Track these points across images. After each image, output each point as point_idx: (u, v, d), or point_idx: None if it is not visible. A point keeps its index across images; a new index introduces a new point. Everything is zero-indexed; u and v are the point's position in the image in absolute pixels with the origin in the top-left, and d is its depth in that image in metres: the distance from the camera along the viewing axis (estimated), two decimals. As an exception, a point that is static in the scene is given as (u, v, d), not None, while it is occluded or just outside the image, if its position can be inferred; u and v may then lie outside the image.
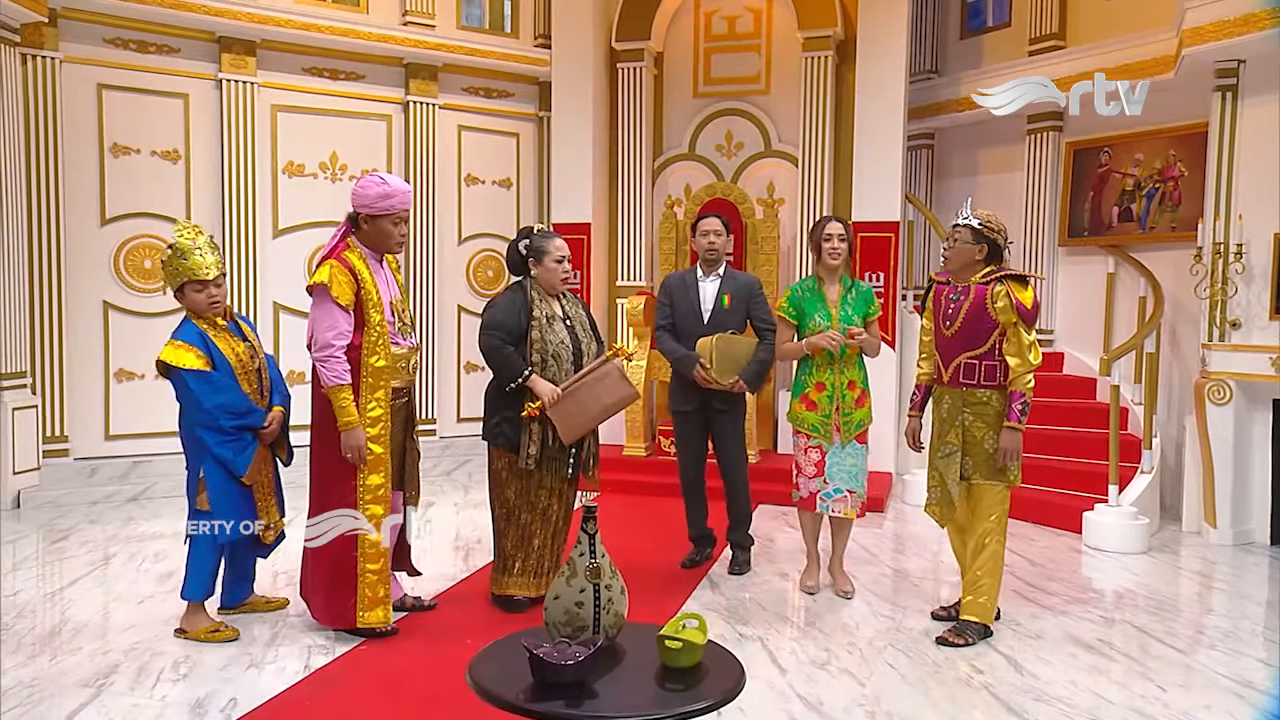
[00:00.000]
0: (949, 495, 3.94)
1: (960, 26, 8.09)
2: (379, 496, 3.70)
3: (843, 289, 4.43)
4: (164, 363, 3.73)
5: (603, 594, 2.22)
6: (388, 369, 3.69)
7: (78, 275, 6.39)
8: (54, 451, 6.31)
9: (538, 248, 4.06)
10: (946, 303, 3.98)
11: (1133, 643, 3.94)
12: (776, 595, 4.49)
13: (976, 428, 3.89)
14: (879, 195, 6.94)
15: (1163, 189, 6.68)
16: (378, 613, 3.73)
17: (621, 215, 7.60)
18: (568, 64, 7.47)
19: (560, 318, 4.11)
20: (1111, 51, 6.62)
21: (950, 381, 3.94)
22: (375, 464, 3.68)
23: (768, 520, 5.93)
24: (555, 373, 4.01)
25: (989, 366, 3.87)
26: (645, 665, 2.22)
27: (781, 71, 7.42)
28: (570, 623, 2.23)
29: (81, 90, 6.36)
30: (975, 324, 3.86)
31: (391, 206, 3.68)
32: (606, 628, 2.25)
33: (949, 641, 3.84)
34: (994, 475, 3.89)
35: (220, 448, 3.76)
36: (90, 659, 3.56)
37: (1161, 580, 4.87)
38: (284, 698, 3.25)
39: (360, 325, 3.63)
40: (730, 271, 4.86)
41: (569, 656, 2.06)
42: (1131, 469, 5.80)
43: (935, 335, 4.05)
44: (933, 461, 4.02)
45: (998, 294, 3.82)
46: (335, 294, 3.56)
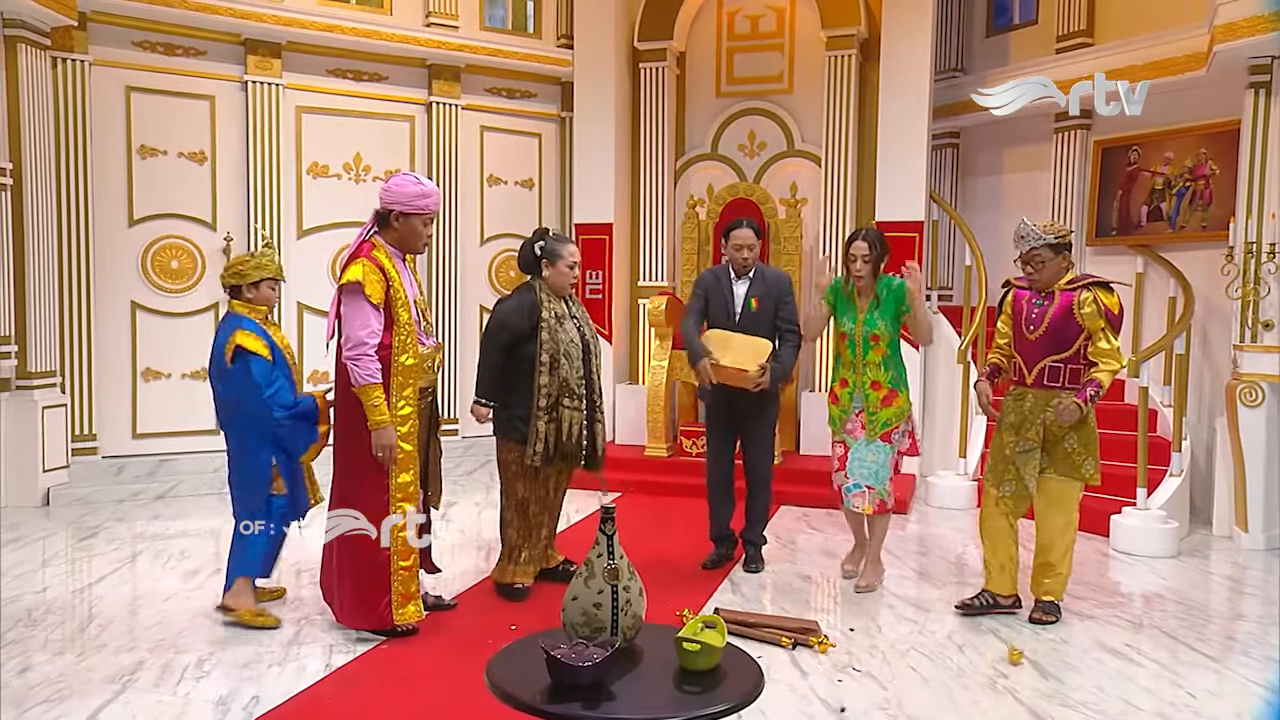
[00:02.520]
0: (1025, 489, 4.08)
1: (986, 24, 8.02)
2: (409, 494, 3.72)
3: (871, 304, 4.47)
4: (241, 347, 3.82)
5: (620, 595, 2.21)
6: (416, 367, 3.71)
7: (106, 276, 6.45)
8: (83, 450, 6.38)
9: (552, 250, 4.17)
10: (1030, 308, 4.09)
11: (1161, 648, 3.88)
12: (798, 597, 4.47)
13: (1057, 426, 3.98)
14: (903, 195, 6.87)
15: (1193, 188, 6.58)
16: (410, 609, 3.76)
17: (643, 216, 7.59)
18: (590, 64, 7.47)
19: (569, 317, 4.22)
20: (1141, 48, 6.54)
21: (1034, 382, 4.07)
22: (405, 462, 3.70)
23: (790, 521, 5.90)
24: (567, 371, 4.12)
25: (1074, 370, 3.99)
26: (663, 667, 2.20)
27: (805, 71, 7.38)
28: (588, 624, 2.22)
29: (110, 93, 6.43)
30: (1061, 329, 3.99)
31: (427, 206, 3.74)
32: (624, 629, 2.24)
33: (1041, 620, 4.06)
34: (1070, 473, 4.03)
35: (283, 430, 3.89)
36: (116, 655, 3.59)
37: (1191, 585, 4.79)
38: (305, 696, 3.27)
39: (389, 324, 3.65)
40: (760, 270, 4.81)
41: (586, 658, 2.05)
42: (1161, 472, 5.71)
43: (1016, 339, 4.17)
44: (1009, 457, 4.10)
45: (1085, 300, 3.93)
46: (368, 292, 3.57)
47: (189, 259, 6.72)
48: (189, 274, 6.73)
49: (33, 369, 6.02)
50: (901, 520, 6.01)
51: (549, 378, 4.11)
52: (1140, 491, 5.39)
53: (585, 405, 4.22)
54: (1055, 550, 4.10)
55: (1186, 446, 5.85)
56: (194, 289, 6.75)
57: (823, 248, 7.12)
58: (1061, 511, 4.09)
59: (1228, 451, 5.63)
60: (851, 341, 4.52)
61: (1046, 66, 7.13)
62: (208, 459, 6.61)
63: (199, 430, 6.74)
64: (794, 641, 3.77)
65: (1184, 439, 5.81)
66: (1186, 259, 6.51)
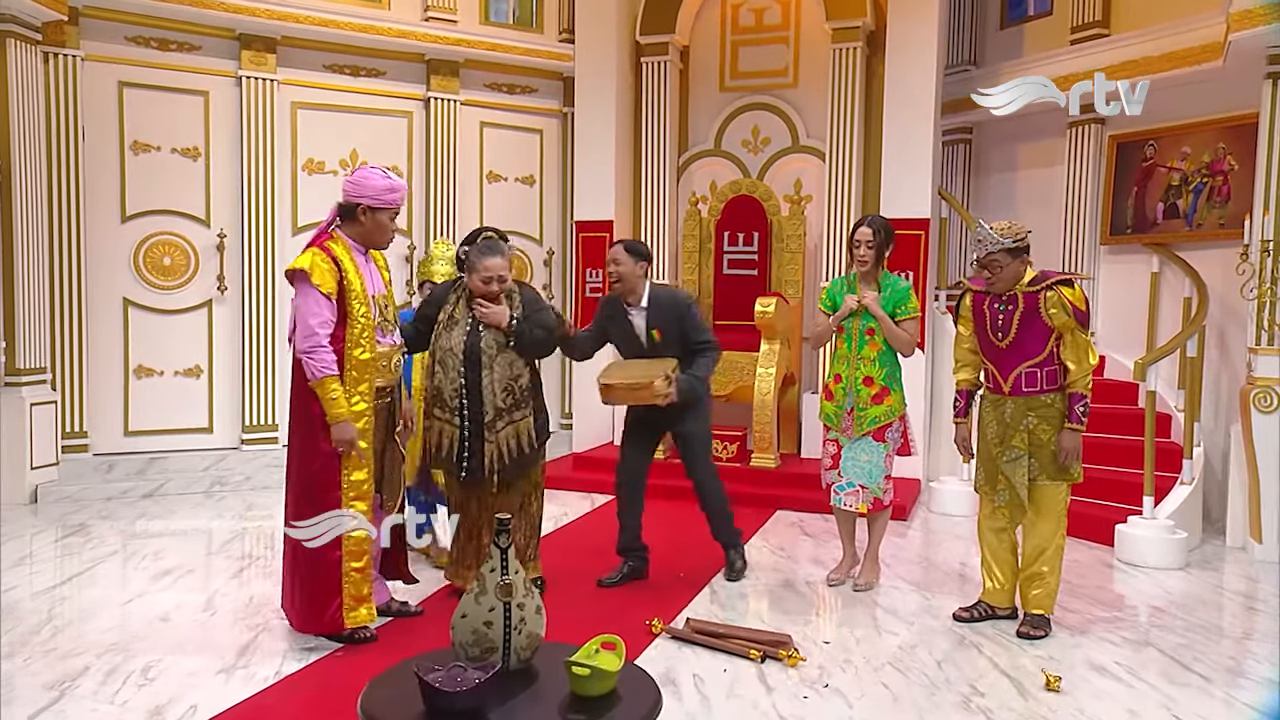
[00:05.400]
0: (1019, 498, 3.92)
1: (1000, 16, 7.78)
2: (363, 493, 3.59)
3: (876, 289, 4.38)
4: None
5: (514, 613, 2.06)
6: (371, 363, 3.59)
7: (98, 272, 6.42)
8: (74, 447, 6.35)
9: (470, 263, 3.97)
10: (993, 314, 3.93)
11: (1155, 668, 3.66)
12: (779, 607, 4.29)
13: (1042, 430, 3.87)
14: (909, 192, 6.68)
15: (1211, 183, 6.32)
16: (362, 612, 3.63)
17: (645, 212, 7.45)
18: (591, 58, 7.35)
19: (464, 323, 3.96)
20: (1157, 39, 6.31)
21: (1012, 391, 3.91)
22: (359, 460, 3.58)
23: (783, 527, 5.73)
24: (441, 379, 3.94)
25: (1050, 372, 3.85)
26: (554, 692, 2.04)
27: (810, 64, 7.21)
28: (478, 643, 2.07)
29: (102, 88, 6.39)
30: (1029, 332, 3.83)
31: (395, 200, 3.66)
32: (518, 650, 2.08)
33: (1030, 635, 3.88)
34: (1059, 475, 3.88)
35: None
36: (63, 660, 3.50)
37: (1196, 599, 4.54)
38: (246, 705, 3.15)
39: (343, 317, 3.53)
40: (654, 297, 4.44)
41: (464, 682, 1.90)
42: (1172, 479, 5.47)
43: (984, 346, 4.01)
44: (998, 467, 3.96)
45: (1050, 299, 3.78)
46: (316, 280, 3.46)
47: (182, 256, 6.68)
48: (182, 271, 6.68)
49: (21, 366, 6.00)
50: (902, 527, 5.82)
51: (429, 381, 4.01)
52: (1146, 500, 5.15)
53: (463, 419, 3.93)
54: (1044, 556, 3.93)
55: (1199, 453, 5.59)
56: (186, 286, 6.70)
57: (827, 245, 6.93)
58: (1050, 518, 3.93)
59: (1242, 459, 5.37)
60: (848, 336, 4.42)
61: (1061, 59, 6.93)
62: (198, 457, 6.59)
63: (190, 428, 6.72)
64: (763, 655, 3.60)
65: (1196, 445, 5.56)
66: (1203, 258, 6.25)
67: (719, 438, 6.60)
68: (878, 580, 4.60)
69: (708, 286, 7.24)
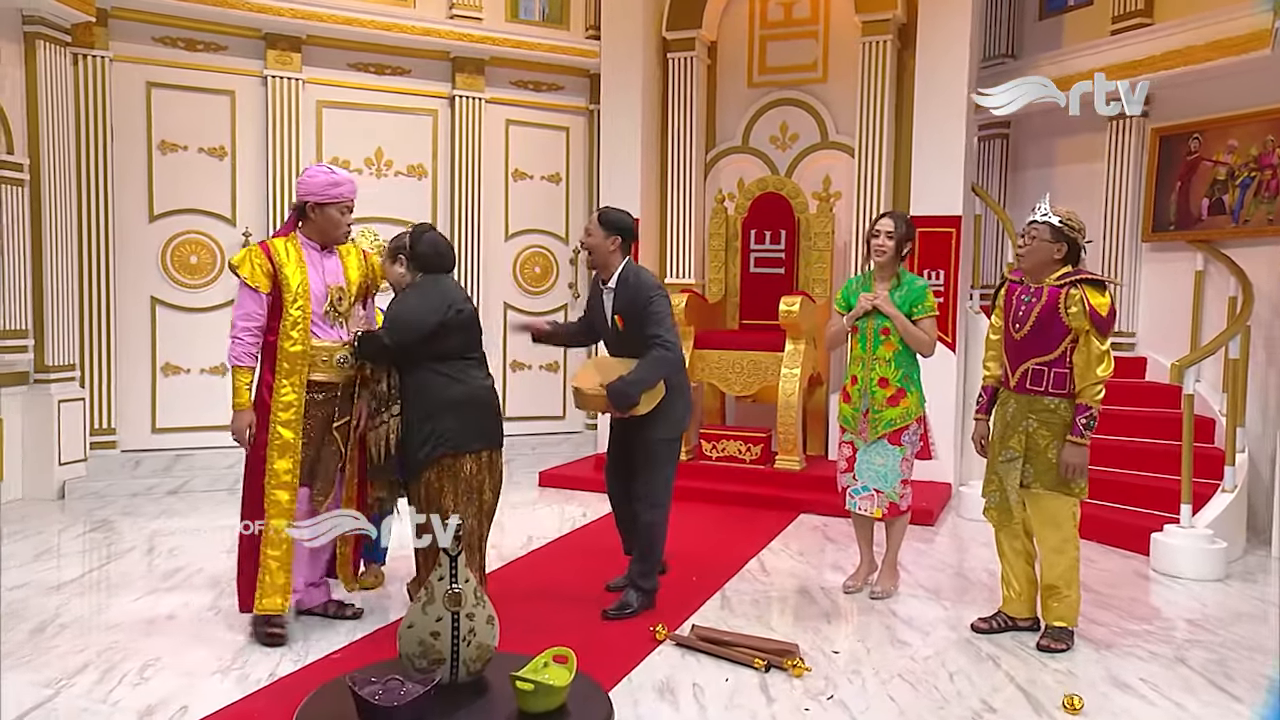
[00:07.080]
0: (1007, 502, 3.79)
1: (1039, 6, 7.55)
2: (284, 483, 3.64)
3: (892, 286, 4.26)
4: None
5: (463, 624, 1.98)
6: (302, 355, 3.63)
7: (126, 271, 6.49)
8: (103, 444, 6.43)
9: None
10: (1018, 303, 3.76)
11: (1181, 685, 3.47)
12: (791, 614, 4.17)
13: (1041, 435, 3.69)
14: (940, 188, 6.49)
15: (1259, 178, 6.05)
16: (276, 600, 3.65)
17: (671, 210, 7.34)
18: (617, 55, 7.25)
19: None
20: (1202, 27, 6.06)
21: (1017, 387, 3.74)
22: (284, 449, 3.63)
23: (806, 531, 5.59)
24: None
25: (1059, 374, 3.67)
26: (501, 707, 1.95)
27: (839, 58, 7.05)
28: (425, 654, 2.00)
29: (131, 88, 6.47)
30: (1046, 328, 3.65)
31: (340, 194, 3.73)
32: (466, 661, 2.00)
33: (1050, 649, 3.72)
34: (1057, 486, 3.68)
35: None
36: (62, 658, 3.51)
37: (1232, 613, 4.32)
38: (236, 708, 3.12)
39: (276, 310, 3.63)
40: (624, 275, 3.96)
41: (400, 696, 1.82)
42: (1214, 486, 5.24)
43: (1005, 337, 3.83)
44: (993, 465, 3.83)
45: (1072, 298, 3.60)
46: (244, 274, 3.61)
47: (208, 254, 6.73)
48: (208, 269, 6.73)
49: (51, 363, 6.08)
50: (929, 532, 5.65)
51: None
52: (1184, 508, 4.93)
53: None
54: (1055, 571, 3.74)
55: (1242, 460, 5.35)
56: (213, 284, 6.75)
57: (856, 243, 6.77)
58: (1055, 529, 3.73)
59: (1288, 466, 5.13)
60: (862, 336, 4.29)
61: (1103, 49, 6.70)
62: (224, 454, 6.62)
63: (217, 426, 6.70)
64: (768, 664, 3.49)
65: (1240, 451, 5.31)
66: (1250, 255, 5.98)
67: (743, 439, 6.49)
68: (896, 588, 4.46)
69: (734, 285, 7.13)
